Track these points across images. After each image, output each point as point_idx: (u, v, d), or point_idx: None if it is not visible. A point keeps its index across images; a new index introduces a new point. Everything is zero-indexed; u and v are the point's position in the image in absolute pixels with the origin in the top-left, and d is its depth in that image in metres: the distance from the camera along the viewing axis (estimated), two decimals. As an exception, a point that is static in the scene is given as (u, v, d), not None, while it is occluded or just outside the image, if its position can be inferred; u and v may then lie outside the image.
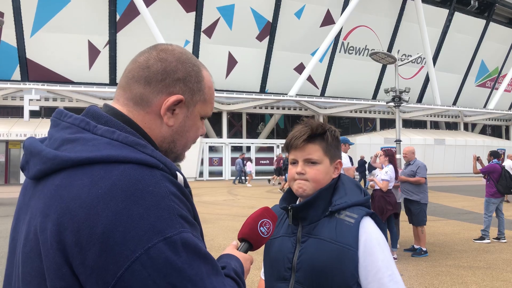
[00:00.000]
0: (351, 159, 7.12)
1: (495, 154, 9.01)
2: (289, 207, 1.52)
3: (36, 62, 27.28)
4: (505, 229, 8.45)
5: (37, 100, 24.64)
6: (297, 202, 1.57)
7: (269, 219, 1.28)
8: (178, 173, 0.93)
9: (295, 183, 1.53)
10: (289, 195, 1.60)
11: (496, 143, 35.41)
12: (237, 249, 1.20)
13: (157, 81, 0.99)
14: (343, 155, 7.43)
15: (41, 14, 26.32)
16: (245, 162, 26.02)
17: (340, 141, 1.61)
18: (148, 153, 0.89)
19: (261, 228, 1.25)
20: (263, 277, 1.70)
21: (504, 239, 8.27)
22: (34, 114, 25.13)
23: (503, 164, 9.82)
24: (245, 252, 1.21)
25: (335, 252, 1.40)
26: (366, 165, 20.74)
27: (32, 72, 27.31)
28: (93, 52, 28.08)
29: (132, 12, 27.32)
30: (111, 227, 0.79)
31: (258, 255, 1.12)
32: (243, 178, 25.81)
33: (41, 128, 24.42)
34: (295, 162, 1.54)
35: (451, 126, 39.54)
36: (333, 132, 1.58)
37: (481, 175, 8.96)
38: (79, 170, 0.85)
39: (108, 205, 0.80)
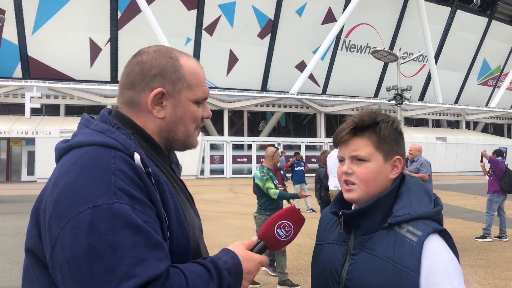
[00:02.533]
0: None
1: (499, 153, 9.02)
2: (340, 213, 1.29)
3: (38, 60, 27.30)
4: (506, 227, 8.43)
5: (38, 97, 24.67)
6: (353, 207, 1.35)
7: (290, 221, 1.18)
8: (136, 154, 1.02)
9: (343, 186, 1.31)
10: (341, 197, 1.36)
11: (498, 142, 35.34)
12: (252, 248, 1.15)
13: (138, 83, 1.12)
14: None
15: (43, 12, 26.33)
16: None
17: (402, 133, 1.34)
18: (112, 137, 1.03)
19: (278, 230, 1.17)
20: None
21: (506, 237, 8.26)
22: (35, 111, 25.15)
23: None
24: (260, 252, 1.16)
25: (391, 274, 1.17)
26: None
27: (34, 69, 27.34)
28: (95, 50, 28.09)
29: (133, 10, 27.31)
30: (61, 194, 0.95)
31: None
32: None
33: (43, 126, 24.45)
34: (342, 160, 1.32)
35: (453, 125, 39.46)
36: (389, 123, 1.29)
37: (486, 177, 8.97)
38: (65, 155, 1.05)
39: (64, 178, 0.97)
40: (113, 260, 0.88)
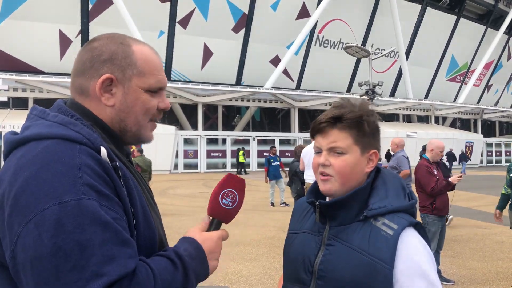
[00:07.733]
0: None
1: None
2: (317, 203, 1.28)
3: (4, 51, 26.34)
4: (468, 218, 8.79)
5: (5, 90, 23.87)
6: (327, 199, 1.33)
7: (232, 187, 1.16)
8: (102, 148, 0.98)
9: (318, 177, 1.30)
10: (317, 187, 1.34)
11: (465, 136, 36.53)
12: (208, 228, 1.15)
13: (88, 69, 1.07)
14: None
15: (9, 1, 25.39)
16: None
17: (379, 127, 1.34)
18: (76, 130, 0.98)
19: (224, 200, 1.15)
20: None
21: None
22: (2, 105, 24.36)
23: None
24: (217, 228, 1.15)
25: (365, 266, 1.17)
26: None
27: (0, 61, 26.38)
28: (65, 42, 27.32)
29: (105, 1, 26.67)
30: (21, 190, 0.88)
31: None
32: None
33: (9, 120, 23.66)
34: (319, 151, 1.30)
35: (423, 120, 40.49)
36: (370, 117, 1.28)
37: None
38: (21, 148, 0.98)
39: (24, 172, 0.90)
40: (81, 259, 0.84)
